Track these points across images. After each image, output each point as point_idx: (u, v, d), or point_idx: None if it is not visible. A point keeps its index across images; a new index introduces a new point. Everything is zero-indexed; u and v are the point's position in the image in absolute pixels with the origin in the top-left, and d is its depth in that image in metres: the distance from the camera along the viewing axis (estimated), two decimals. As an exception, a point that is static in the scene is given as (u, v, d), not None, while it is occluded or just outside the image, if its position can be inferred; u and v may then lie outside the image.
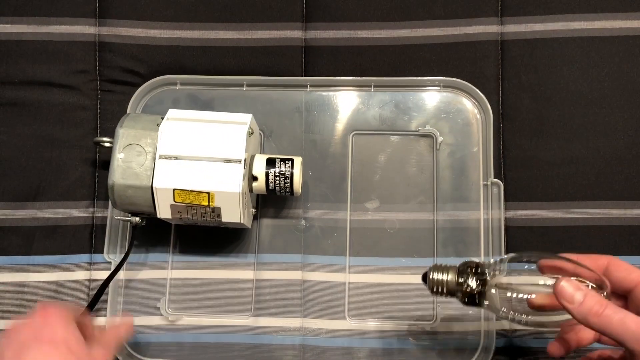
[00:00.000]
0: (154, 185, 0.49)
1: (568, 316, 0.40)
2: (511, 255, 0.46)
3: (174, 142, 0.50)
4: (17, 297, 0.57)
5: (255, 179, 0.52)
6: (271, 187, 0.52)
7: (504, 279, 0.44)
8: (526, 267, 0.45)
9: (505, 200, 0.57)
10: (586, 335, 0.47)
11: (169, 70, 0.60)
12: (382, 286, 0.56)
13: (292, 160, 0.52)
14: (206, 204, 0.50)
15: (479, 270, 0.45)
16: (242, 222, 0.51)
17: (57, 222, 0.58)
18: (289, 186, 0.52)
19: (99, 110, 0.60)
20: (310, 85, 0.59)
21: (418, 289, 0.56)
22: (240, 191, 0.49)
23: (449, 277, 0.45)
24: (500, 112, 0.59)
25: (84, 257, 0.58)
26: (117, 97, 0.60)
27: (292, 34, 0.61)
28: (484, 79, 0.59)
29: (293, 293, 0.56)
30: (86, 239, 0.58)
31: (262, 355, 0.55)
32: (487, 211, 0.56)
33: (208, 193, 0.49)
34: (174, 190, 0.49)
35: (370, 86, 0.59)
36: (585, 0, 0.59)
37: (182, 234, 0.58)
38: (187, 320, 0.56)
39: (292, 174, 0.52)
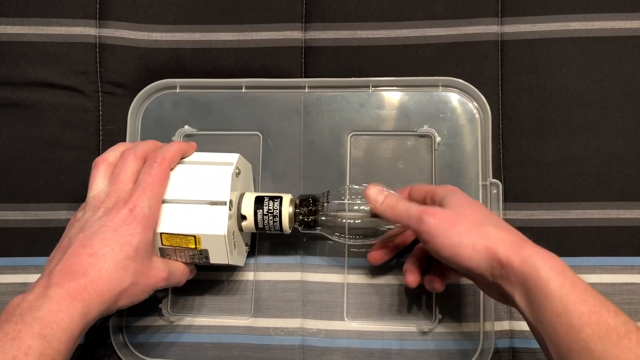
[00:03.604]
0: None
1: (383, 234, 0.51)
2: (339, 188, 0.53)
3: None
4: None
5: (244, 218, 0.51)
6: (260, 225, 0.51)
7: (334, 209, 0.52)
8: (350, 198, 0.52)
9: (505, 200, 0.57)
10: (402, 239, 0.55)
11: (169, 72, 0.60)
12: (381, 287, 0.57)
13: (280, 198, 0.51)
14: (193, 246, 0.49)
15: (313, 201, 0.52)
16: (229, 263, 0.50)
17: (59, 224, 0.58)
18: (278, 225, 0.51)
19: (100, 112, 0.60)
20: (309, 87, 0.59)
21: (417, 290, 0.56)
22: (226, 233, 0.48)
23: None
24: (500, 112, 0.59)
25: (86, 258, 0.58)
26: (118, 99, 0.60)
27: (292, 34, 0.61)
28: (483, 79, 0.59)
29: (292, 294, 0.57)
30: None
31: (262, 355, 0.56)
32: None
33: (194, 236, 0.49)
34: (160, 234, 0.49)
35: (368, 86, 0.59)
36: (584, 1, 0.59)
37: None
38: (188, 320, 0.57)
39: (280, 212, 0.51)
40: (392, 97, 0.59)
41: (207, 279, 0.57)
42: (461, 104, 0.58)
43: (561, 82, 0.58)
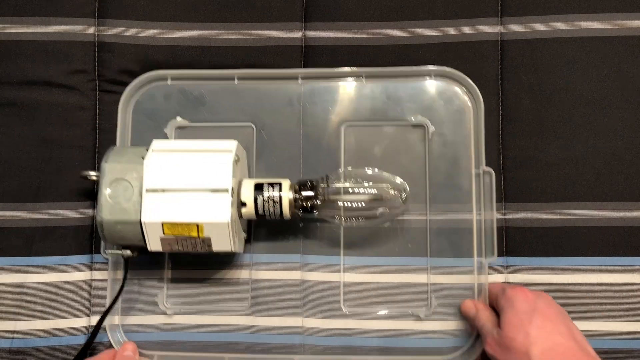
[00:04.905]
0: (142, 220, 0.49)
1: (382, 216, 0.54)
2: (337, 172, 0.55)
3: (160, 175, 0.50)
4: (16, 298, 0.57)
5: (244, 204, 0.51)
6: (260, 212, 0.51)
7: (333, 192, 0.53)
8: (349, 182, 0.54)
9: (505, 200, 0.57)
10: None
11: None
12: (379, 285, 0.57)
13: (280, 184, 0.51)
14: (196, 235, 0.49)
15: (313, 186, 0.53)
16: (232, 250, 0.50)
17: (57, 223, 0.58)
18: (279, 211, 0.51)
19: (97, 110, 0.60)
20: (302, 77, 0.59)
21: (414, 287, 0.56)
22: (230, 220, 0.48)
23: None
24: (500, 112, 0.59)
25: (84, 258, 0.58)
26: (115, 97, 0.60)
27: (292, 33, 0.61)
28: (483, 79, 0.59)
29: (292, 292, 0.57)
30: (86, 240, 0.58)
31: (262, 354, 0.55)
32: (480, 200, 0.56)
33: (197, 224, 0.49)
34: (162, 223, 0.49)
35: (361, 76, 0.59)
36: (584, 1, 0.59)
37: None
38: (187, 319, 0.57)
39: (280, 197, 0.51)
40: (385, 87, 0.59)
41: (206, 277, 0.57)
42: (454, 93, 0.58)
43: (561, 82, 0.58)
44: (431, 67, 0.58)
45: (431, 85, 0.59)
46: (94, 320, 0.57)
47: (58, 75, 0.60)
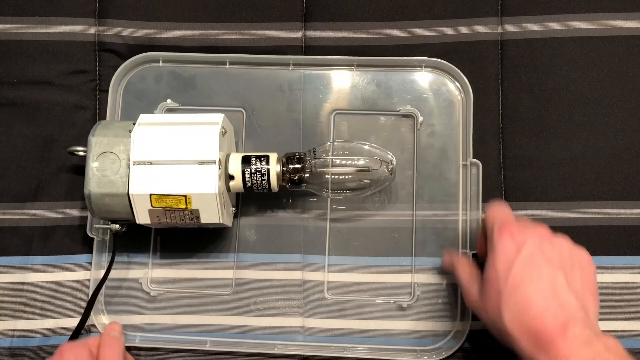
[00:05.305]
0: (130, 192, 0.49)
1: (368, 186, 0.54)
2: (324, 144, 0.55)
3: (147, 148, 0.50)
4: (15, 297, 0.57)
5: (231, 178, 0.52)
6: (248, 185, 0.52)
7: (320, 165, 0.53)
8: (337, 156, 0.54)
9: (505, 200, 0.57)
10: None
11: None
12: (363, 285, 0.57)
13: (267, 157, 0.52)
14: (184, 206, 0.50)
15: (300, 159, 0.53)
16: (221, 222, 0.51)
17: (56, 222, 0.58)
18: (266, 183, 0.52)
19: (97, 111, 0.60)
20: (293, 64, 0.59)
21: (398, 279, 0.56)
22: (217, 192, 0.49)
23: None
24: (500, 111, 0.59)
25: (84, 257, 0.58)
26: (116, 97, 0.60)
27: (292, 33, 0.61)
28: (483, 79, 0.59)
29: (293, 292, 0.57)
30: (85, 239, 0.58)
31: (263, 354, 0.55)
32: (467, 192, 0.57)
33: (185, 196, 0.49)
34: (150, 195, 0.49)
35: (352, 65, 0.59)
36: (584, 0, 0.59)
37: (175, 236, 0.58)
38: (185, 319, 0.57)
39: (268, 170, 0.52)
40: (376, 77, 0.59)
41: (191, 260, 0.58)
42: (444, 84, 0.59)
43: (561, 82, 0.59)
44: (422, 58, 0.59)
45: (422, 77, 0.59)
46: (95, 319, 0.56)
47: (58, 75, 0.60)
